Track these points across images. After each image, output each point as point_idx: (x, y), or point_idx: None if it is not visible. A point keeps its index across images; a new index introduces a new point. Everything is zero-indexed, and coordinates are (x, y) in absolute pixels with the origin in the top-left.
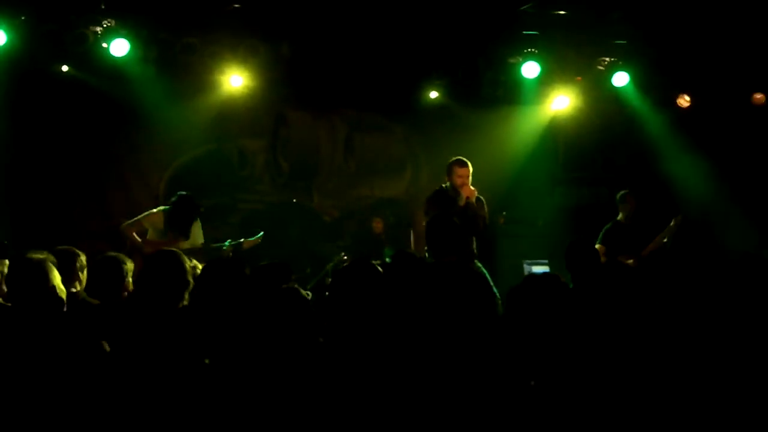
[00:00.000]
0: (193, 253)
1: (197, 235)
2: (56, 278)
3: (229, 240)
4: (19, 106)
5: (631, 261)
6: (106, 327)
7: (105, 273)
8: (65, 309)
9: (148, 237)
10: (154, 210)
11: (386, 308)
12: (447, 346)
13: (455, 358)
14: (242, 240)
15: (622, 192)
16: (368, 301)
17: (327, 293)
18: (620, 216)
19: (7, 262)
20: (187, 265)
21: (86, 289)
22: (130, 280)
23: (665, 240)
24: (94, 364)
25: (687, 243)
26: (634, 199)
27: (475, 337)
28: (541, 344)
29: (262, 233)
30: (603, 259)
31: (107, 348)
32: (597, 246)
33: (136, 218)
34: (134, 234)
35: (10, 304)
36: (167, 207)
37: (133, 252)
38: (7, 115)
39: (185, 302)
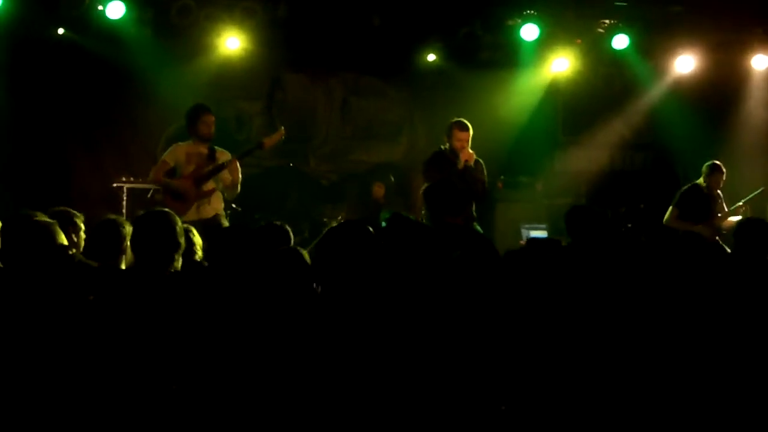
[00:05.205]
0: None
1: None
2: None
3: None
4: (15, 71)
5: (701, 228)
6: (102, 289)
7: (103, 236)
8: (60, 270)
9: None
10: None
11: (378, 268)
12: (450, 305)
13: (459, 317)
14: (263, 140)
15: (710, 162)
16: (356, 260)
17: (315, 251)
18: (702, 182)
19: None
20: (179, 226)
21: (85, 251)
22: (128, 244)
23: (743, 209)
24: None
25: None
26: (721, 172)
27: (481, 296)
28: (540, 307)
29: (282, 127)
30: (676, 222)
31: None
32: (670, 208)
33: (157, 163)
34: (164, 176)
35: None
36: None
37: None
38: (2, 80)
39: (177, 264)
